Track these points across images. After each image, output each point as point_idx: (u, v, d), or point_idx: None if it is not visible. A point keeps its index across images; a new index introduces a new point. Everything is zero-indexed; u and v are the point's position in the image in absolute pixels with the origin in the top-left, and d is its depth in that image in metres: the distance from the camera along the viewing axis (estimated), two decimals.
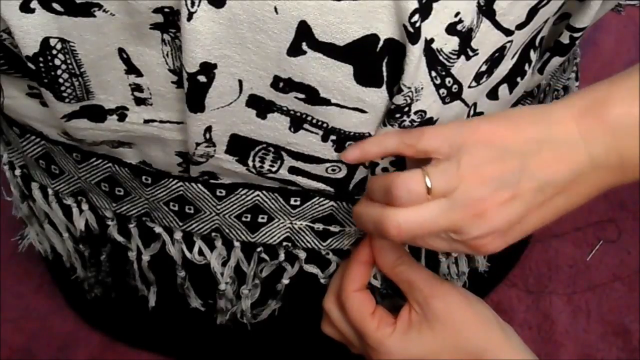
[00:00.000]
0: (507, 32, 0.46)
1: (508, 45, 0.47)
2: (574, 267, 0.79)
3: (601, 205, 0.85)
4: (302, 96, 0.43)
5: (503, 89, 0.51)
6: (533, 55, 0.52)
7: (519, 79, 0.52)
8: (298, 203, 0.51)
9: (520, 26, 0.46)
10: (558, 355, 0.71)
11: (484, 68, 0.47)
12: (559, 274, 0.78)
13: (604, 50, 1.03)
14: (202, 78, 0.42)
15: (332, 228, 0.52)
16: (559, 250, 0.81)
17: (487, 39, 0.45)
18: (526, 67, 0.52)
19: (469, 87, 0.46)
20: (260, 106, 0.44)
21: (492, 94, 0.50)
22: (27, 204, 0.60)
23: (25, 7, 0.41)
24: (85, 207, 0.56)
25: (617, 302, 0.75)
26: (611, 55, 1.03)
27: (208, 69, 0.41)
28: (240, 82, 0.43)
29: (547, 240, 0.82)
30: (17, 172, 0.57)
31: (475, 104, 0.50)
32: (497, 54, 0.47)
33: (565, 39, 0.52)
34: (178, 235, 0.54)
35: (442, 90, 0.44)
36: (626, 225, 0.83)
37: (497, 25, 0.45)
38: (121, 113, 0.47)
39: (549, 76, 0.60)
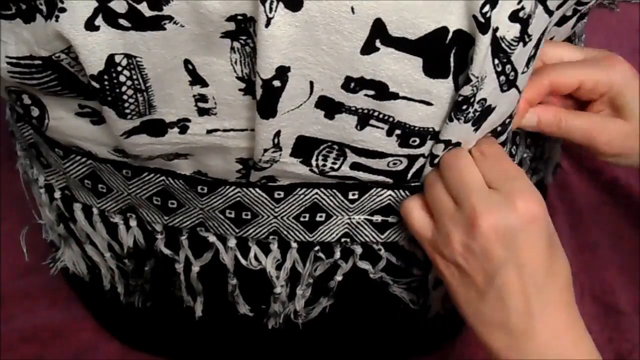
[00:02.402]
0: (550, 14, 0.47)
1: (549, 26, 0.49)
2: (570, 248, 0.80)
3: (596, 190, 0.88)
4: (371, 93, 0.44)
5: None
6: None
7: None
8: (356, 197, 0.52)
9: (559, 6, 0.48)
10: None
11: (533, 52, 0.48)
12: None
13: (592, 44, 1.04)
14: (276, 83, 0.42)
15: (390, 219, 0.53)
16: (558, 231, 0.83)
17: (538, 24, 0.46)
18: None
19: (522, 72, 0.48)
20: (329, 107, 0.45)
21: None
22: (64, 226, 0.58)
23: (90, 25, 0.41)
24: (133, 223, 0.55)
25: (610, 284, 0.77)
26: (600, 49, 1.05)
27: (283, 72, 0.42)
28: (311, 83, 0.43)
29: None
30: (57, 194, 0.56)
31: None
32: (541, 37, 0.48)
33: (569, 11, 0.54)
34: (232, 242, 0.54)
35: (501, 78, 0.46)
36: (619, 210, 0.85)
37: (546, 9, 0.46)
38: (183, 125, 0.46)
39: None
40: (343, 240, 0.54)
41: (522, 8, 0.43)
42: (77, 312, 0.75)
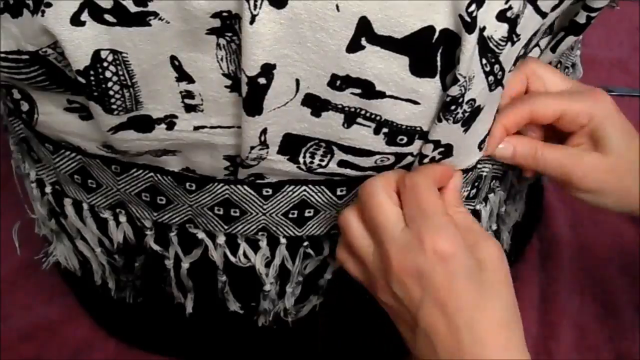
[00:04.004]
0: (543, 15, 0.47)
1: (542, 28, 0.48)
2: (571, 249, 0.80)
3: None
4: (358, 91, 0.44)
5: None
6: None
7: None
8: (344, 193, 0.52)
9: (554, 8, 0.48)
10: (556, 336, 0.73)
11: (522, 52, 0.48)
12: (558, 255, 0.80)
13: (592, 43, 1.04)
14: (262, 80, 0.42)
15: None
16: (558, 231, 0.83)
17: (528, 24, 0.46)
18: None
19: (509, 71, 0.48)
20: (316, 105, 0.45)
21: None
22: (55, 221, 0.58)
23: (76, 20, 0.41)
24: (122, 219, 0.55)
25: (610, 284, 0.77)
26: (600, 48, 1.04)
27: (268, 70, 0.41)
28: (297, 81, 0.43)
29: (547, 221, 0.84)
30: (48, 189, 0.56)
31: None
32: (532, 37, 0.48)
33: (581, 18, 0.54)
34: (221, 239, 0.54)
35: (490, 78, 0.45)
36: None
37: (537, 10, 0.46)
38: (170, 122, 0.46)
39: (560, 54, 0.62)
40: (332, 232, 0.54)
41: (510, 8, 0.43)
42: (75, 309, 0.75)
